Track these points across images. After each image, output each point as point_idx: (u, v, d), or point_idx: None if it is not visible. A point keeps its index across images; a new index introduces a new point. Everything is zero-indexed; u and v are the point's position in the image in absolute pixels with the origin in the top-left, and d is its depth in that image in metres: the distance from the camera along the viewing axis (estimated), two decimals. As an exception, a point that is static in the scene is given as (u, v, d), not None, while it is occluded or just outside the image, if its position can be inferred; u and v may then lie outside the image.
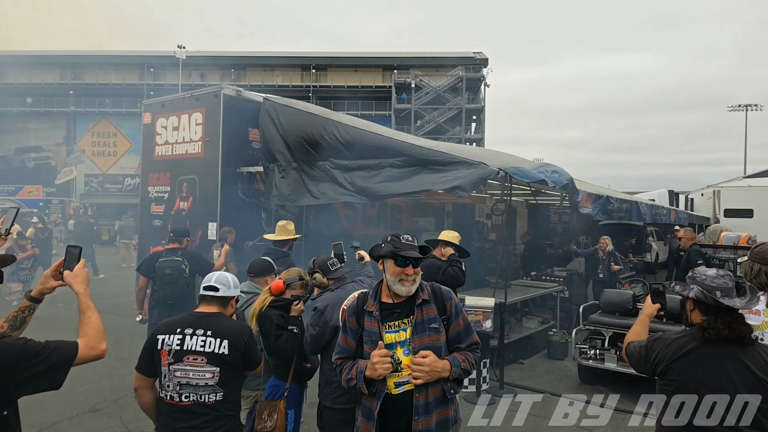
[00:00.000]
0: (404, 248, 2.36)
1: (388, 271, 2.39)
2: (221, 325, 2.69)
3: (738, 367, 2.05)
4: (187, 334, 2.64)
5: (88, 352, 1.96)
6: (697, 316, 2.22)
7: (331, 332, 3.01)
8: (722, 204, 22.44)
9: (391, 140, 6.61)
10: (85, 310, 2.08)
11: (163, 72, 42.70)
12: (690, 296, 2.21)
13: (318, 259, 3.29)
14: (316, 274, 3.23)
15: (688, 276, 2.32)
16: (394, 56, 44.10)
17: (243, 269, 7.81)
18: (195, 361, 2.60)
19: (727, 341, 2.07)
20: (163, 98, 9.30)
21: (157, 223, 8.98)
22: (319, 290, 3.21)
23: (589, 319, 5.97)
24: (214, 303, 2.79)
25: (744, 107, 44.54)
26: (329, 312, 3.01)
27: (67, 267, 2.17)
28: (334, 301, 3.06)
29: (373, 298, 2.45)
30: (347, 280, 3.28)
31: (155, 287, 5.32)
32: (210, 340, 2.62)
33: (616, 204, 9.35)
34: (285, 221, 5.05)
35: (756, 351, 2.08)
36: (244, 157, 8.43)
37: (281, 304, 3.22)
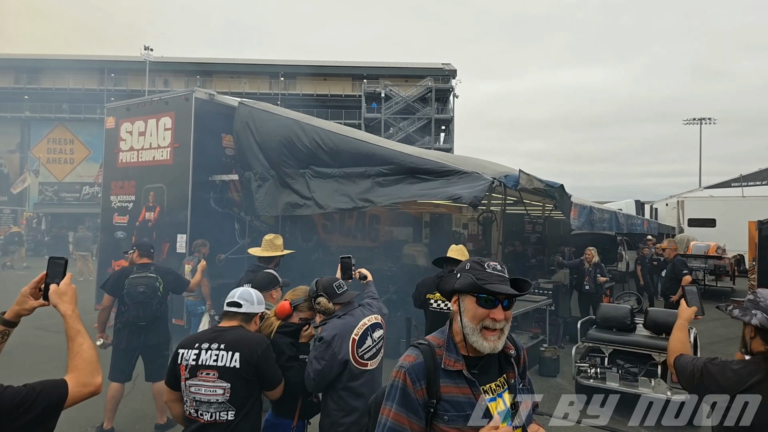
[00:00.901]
0: (493, 281, 1.62)
1: (466, 312, 1.65)
2: (235, 337, 2.59)
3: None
4: (203, 349, 2.55)
5: (80, 390, 1.60)
6: (760, 344, 1.98)
7: (339, 367, 2.61)
8: (686, 214, 22.97)
9: (377, 147, 6.25)
10: (75, 336, 1.70)
11: (124, 77, 41.28)
12: (752, 323, 1.96)
13: (322, 281, 2.84)
14: (320, 297, 2.78)
15: (748, 299, 2.07)
16: (363, 66, 43.95)
17: (215, 284, 7.38)
18: (207, 376, 2.50)
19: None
20: (129, 101, 8.72)
21: (120, 235, 8.36)
22: (323, 317, 2.80)
23: (588, 335, 5.73)
24: (235, 318, 2.71)
25: (699, 121, 46.20)
26: (337, 343, 2.61)
27: (51, 282, 1.76)
28: (343, 330, 2.66)
29: (449, 349, 1.67)
30: (355, 305, 2.87)
31: (123, 307, 4.76)
32: (222, 353, 2.52)
33: (598, 215, 9.26)
34: (273, 235, 4.59)
35: None
36: (217, 165, 7.97)
37: (290, 330, 2.82)
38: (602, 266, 8.67)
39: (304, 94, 42.69)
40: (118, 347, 4.84)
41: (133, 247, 5.00)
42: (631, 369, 5.40)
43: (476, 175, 5.49)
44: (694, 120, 46.41)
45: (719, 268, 14.60)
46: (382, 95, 41.39)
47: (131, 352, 4.85)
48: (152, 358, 4.88)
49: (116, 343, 4.85)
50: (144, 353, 4.90)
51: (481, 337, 1.62)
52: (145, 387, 5.30)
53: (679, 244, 10.60)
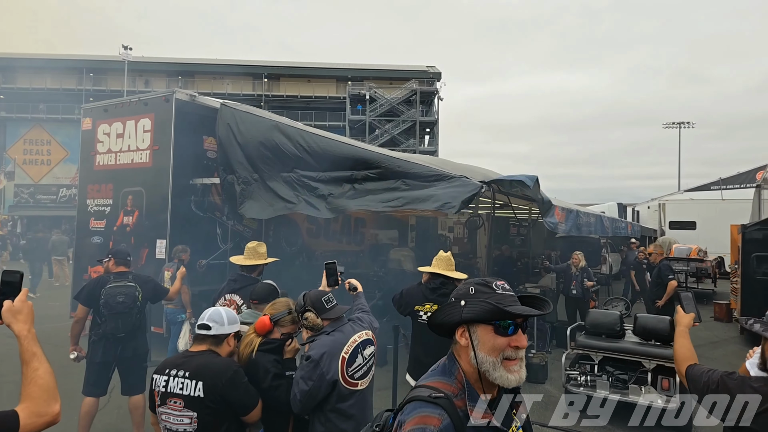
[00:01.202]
0: (510, 302, 1.41)
1: (482, 346, 1.40)
2: (199, 364, 2.47)
3: None
4: (171, 375, 2.47)
5: (34, 421, 1.45)
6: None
7: (327, 387, 2.45)
8: (667, 216, 23.21)
9: (364, 151, 6.11)
10: (30, 360, 1.53)
11: (104, 77, 40.55)
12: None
13: (310, 294, 2.66)
14: (308, 312, 2.61)
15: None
16: (348, 67, 43.79)
17: (196, 291, 7.16)
18: (175, 404, 2.43)
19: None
20: (106, 102, 8.46)
21: (96, 240, 8.09)
22: (310, 333, 2.62)
23: (577, 341, 5.65)
24: (204, 342, 2.60)
25: (678, 125, 46.90)
26: (326, 362, 2.44)
27: (5, 299, 1.59)
28: (332, 348, 2.50)
29: (471, 397, 1.41)
30: (345, 320, 2.71)
31: (100, 318, 4.52)
32: (186, 382, 2.43)
33: (584, 218, 9.24)
34: (256, 242, 4.40)
35: None
36: (198, 168, 7.75)
37: (272, 346, 2.65)
38: (589, 270, 8.64)
39: (288, 96, 42.42)
40: (93, 360, 4.60)
41: (108, 255, 4.76)
42: (621, 376, 5.33)
43: (464, 179, 5.38)
44: (673, 123, 47.12)
45: (701, 270, 14.74)
46: (367, 97, 41.30)
47: (107, 365, 4.63)
48: (129, 371, 4.65)
49: (91, 356, 4.61)
50: (121, 366, 4.67)
51: (505, 370, 1.38)
52: (121, 401, 5.07)
53: (661, 246, 10.65)
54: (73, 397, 5.30)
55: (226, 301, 4.14)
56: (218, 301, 4.17)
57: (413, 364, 4.05)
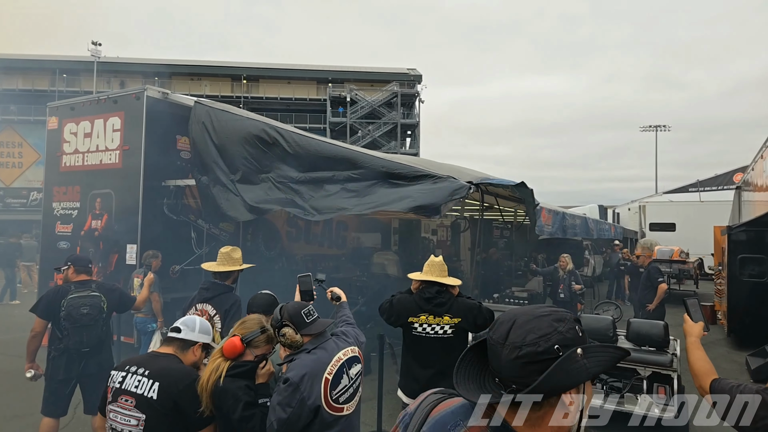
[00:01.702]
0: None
1: (587, 400, 1.10)
2: (162, 366, 2.37)
3: None
4: (130, 372, 2.37)
5: None
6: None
7: (309, 414, 2.14)
8: (648, 218, 23.38)
9: (346, 150, 5.83)
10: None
11: (77, 78, 39.50)
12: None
13: (287, 307, 2.35)
14: (285, 328, 2.29)
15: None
16: (328, 69, 43.45)
17: (169, 299, 6.79)
18: (125, 402, 2.31)
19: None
20: (73, 100, 8.04)
21: (63, 245, 7.66)
22: (288, 350, 2.30)
23: (570, 349, 5.43)
24: (172, 344, 2.53)
25: (654, 128, 47.59)
26: (307, 385, 2.14)
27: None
28: (314, 368, 2.19)
29: None
30: (327, 336, 2.40)
31: (61, 332, 4.14)
32: (144, 380, 2.31)
33: (570, 220, 9.09)
34: (230, 247, 4.07)
35: None
36: (171, 169, 7.37)
37: (243, 370, 2.32)
38: (577, 273, 8.48)
39: (267, 97, 41.86)
40: (53, 378, 4.21)
41: (67, 263, 4.38)
42: (615, 384, 5.13)
43: (452, 179, 5.14)
44: (650, 127, 47.81)
45: (683, 272, 14.77)
46: (348, 99, 41.00)
47: (69, 382, 4.25)
48: (94, 388, 4.25)
49: (51, 373, 4.23)
50: (84, 383, 4.29)
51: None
52: (85, 420, 4.71)
53: (650, 249, 10.54)
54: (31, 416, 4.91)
55: (197, 311, 3.81)
56: (189, 311, 3.84)
57: (406, 379, 3.71)
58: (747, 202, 14.05)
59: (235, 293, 3.97)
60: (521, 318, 1.06)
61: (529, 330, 1.03)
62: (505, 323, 1.07)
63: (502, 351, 1.03)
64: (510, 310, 1.14)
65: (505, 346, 1.03)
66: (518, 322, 1.05)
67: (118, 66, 38.58)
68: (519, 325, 1.05)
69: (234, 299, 3.85)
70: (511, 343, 1.03)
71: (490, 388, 1.08)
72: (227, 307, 3.74)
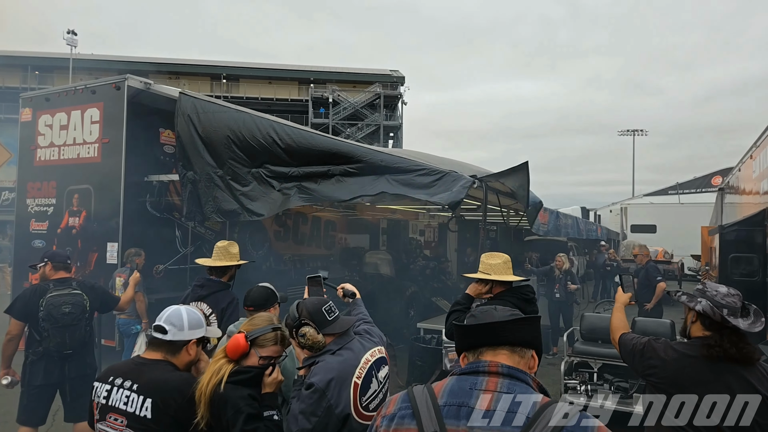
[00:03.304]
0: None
1: None
2: (151, 378, 2.05)
3: (742, 384, 2.01)
4: (116, 385, 2.08)
5: None
6: (699, 329, 2.19)
7: (336, 424, 1.87)
8: (629, 220, 23.65)
9: (342, 144, 5.61)
10: None
11: (50, 75, 38.40)
12: (697, 309, 2.15)
13: (306, 304, 2.06)
14: (305, 327, 2.00)
15: (697, 288, 2.29)
16: (310, 69, 43.10)
17: (153, 299, 6.44)
18: (115, 422, 2.04)
19: (732, 360, 2.03)
20: (48, 90, 7.65)
21: (38, 244, 7.25)
22: (310, 353, 2.02)
23: (574, 348, 5.28)
24: (159, 348, 2.17)
25: (632, 132, 48.45)
26: (334, 391, 1.87)
27: None
28: (341, 372, 1.93)
29: None
30: (352, 336, 2.12)
31: (40, 334, 3.81)
32: (133, 396, 2.02)
33: (563, 220, 9.01)
34: (226, 242, 3.78)
35: (758, 370, 2.05)
36: (154, 164, 7.05)
37: (246, 377, 2.02)
38: (573, 273, 8.38)
39: (247, 97, 41.24)
40: (31, 383, 3.88)
41: (44, 259, 4.05)
42: (622, 384, 4.99)
43: (454, 174, 4.95)
44: (628, 131, 48.65)
45: (668, 272, 14.88)
46: (330, 100, 40.70)
47: (49, 388, 3.93)
48: (76, 394, 3.93)
49: (29, 379, 3.89)
50: (65, 388, 3.97)
51: None
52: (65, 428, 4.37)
53: (627, 249, 10.54)
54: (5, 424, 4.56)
55: (191, 310, 3.53)
56: (181, 311, 3.56)
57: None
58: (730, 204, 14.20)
59: (232, 292, 3.69)
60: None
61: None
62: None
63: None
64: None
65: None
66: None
67: (92, 63, 37.54)
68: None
69: (231, 297, 3.57)
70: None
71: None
72: (224, 306, 3.47)
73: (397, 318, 7.36)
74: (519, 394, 1.25)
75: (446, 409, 1.23)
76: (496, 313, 1.37)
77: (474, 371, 1.30)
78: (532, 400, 1.24)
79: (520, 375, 1.30)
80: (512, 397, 1.24)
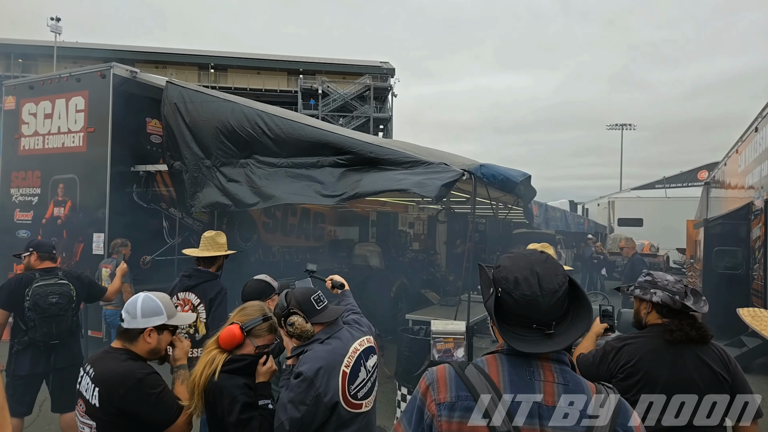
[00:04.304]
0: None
1: None
2: (104, 367, 2.10)
3: (697, 363, 2.14)
4: (86, 372, 2.16)
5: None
6: (655, 317, 2.28)
7: (325, 412, 1.88)
8: (616, 213, 23.88)
9: (332, 135, 5.55)
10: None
11: (33, 63, 37.74)
12: (654, 300, 2.24)
13: (294, 293, 2.06)
14: (293, 316, 2.00)
15: (646, 280, 2.36)
16: (299, 60, 42.79)
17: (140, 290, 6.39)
18: (80, 407, 2.14)
19: (692, 341, 2.16)
20: (32, 78, 7.54)
21: (23, 234, 7.16)
22: (298, 342, 2.01)
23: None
24: (120, 337, 2.24)
25: (620, 126, 48.79)
26: (322, 380, 1.88)
27: None
28: (330, 361, 1.93)
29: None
30: (341, 325, 2.13)
31: (26, 324, 3.78)
32: (90, 384, 2.08)
33: (552, 213, 9.07)
34: (214, 232, 3.76)
35: (711, 348, 2.19)
36: (141, 154, 6.96)
37: (241, 365, 2.03)
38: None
39: (236, 88, 40.78)
40: (17, 374, 3.85)
41: (29, 249, 4.00)
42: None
43: (443, 166, 4.95)
44: (616, 125, 48.98)
45: (653, 265, 15.06)
46: (320, 92, 40.47)
47: (35, 378, 3.91)
48: (62, 384, 3.91)
49: (15, 369, 3.86)
50: (51, 379, 3.96)
51: None
52: (51, 419, 4.34)
53: (614, 242, 10.64)
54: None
55: (179, 300, 3.50)
56: (169, 301, 3.54)
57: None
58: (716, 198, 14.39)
59: (220, 282, 3.67)
60: (537, 268, 1.23)
61: (553, 274, 1.23)
62: (528, 278, 1.21)
63: (542, 300, 1.19)
64: (506, 263, 1.27)
65: (542, 295, 1.19)
66: (539, 272, 1.22)
67: (77, 51, 36.99)
68: (543, 276, 1.22)
69: (219, 287, 3.56)
70: (548, 290, 1.20)
71: (535, 335, 1.22)
72: (212, 296, 3.46)
73: (386, 309, 7.38)
74: (574, 387, 1.23)
75: (514, 406, 1.17)
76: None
77: (525, 354, 1.23)
78: (586, 393, 1.23)
79: (563, 357, 1.26)
80: (569, 387, 1.23)
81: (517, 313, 1.21)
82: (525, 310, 1.20)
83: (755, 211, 8.44)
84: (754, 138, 8.88)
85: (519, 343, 1.19)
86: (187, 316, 2.53)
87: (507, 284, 1.21)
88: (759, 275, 7.88)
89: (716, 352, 2.19)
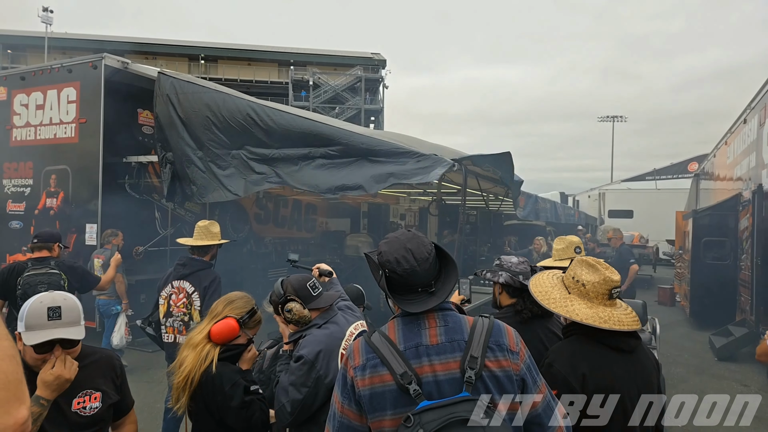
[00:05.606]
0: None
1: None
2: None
3: (547, 334, 2.30)
4: None
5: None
6: (506, 298, 2.42)
7: (326, 394, 1.94)
8: (606, 205, 24.05)
9: (323, 126, 5.60)
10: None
11: (23, 54, 37.23)
12: (500, 281, 2.38)
13: (290, 281, 2.14)
14: (291, 303, 2.07)
15: (496, 264, 2.49)
16: (290, 51, 42.48)
17: (133, 280, 6.42)
18: None
19: (538, 316, 2.30)
20: (24, 69, 7.50)
21: (15, 225, 7.16)
22: (296, 328, 2.09)
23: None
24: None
25: (611, 118, 48.94)
26: (323, 362, 1.95)
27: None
28: (329, 344, 2.01)
29: None
30: (335, 311, 2.21)
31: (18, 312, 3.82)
32: None
33: (541, 204, 9.15)
34: (207, 221, 3.80)
35: (555, 320, 2.35)
36: (133, 144, 6.97)
37: (235, 352, 2.09)
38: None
39: (226, 79, 40.49)
40: None
41: (34, 239, 4.09)
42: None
43: (434, 157, 5.02)
44: (607, 117, 49.12)
45: (643, 256, 15.23)
46: (311, 83, 40.25)
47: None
48: None
49: None
50: None
51: None
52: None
53: (620, 231, 10.67)
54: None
55: (174, 288, 3.55)
56: (164, 289, 3.58)
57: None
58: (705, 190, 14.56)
59: (214, 271, 3.72)
60: (409, 245, 1.46)
61: (422, 245, 1.47)
62: (405, 255, 1.44)
63: (419, 268, 1.44)
64: (385, 248, 1.48)
65: (418, 265, 1.44)
66: (411, 248, 1.45)
67: (66, 42, 36.48)
68: (415, 250, 1.45)
69: (213, 276, 3.61)
70: (421, 259, 1.45)
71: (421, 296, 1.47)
72: (206, 284, 3.50)
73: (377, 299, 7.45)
74: (453, 325, 1.45)
75: (407, 353, 1.39)
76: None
77: (414, 313, 1.46)
78: (464, 325, 1.45)
79: (445, 304, 1.49)
80: (449, 327, 1.44)
81: (404, 283, 1.44)
82: (409, 279, 1.43)
83: (743, 202, 8.58)
84: (743, 130, 9.01)
85: (411, 305, 1.43)
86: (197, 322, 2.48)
87: (390, 264, 1.43)
88: (746, 265, 8.03)
89: (560, 322, 2.30)
